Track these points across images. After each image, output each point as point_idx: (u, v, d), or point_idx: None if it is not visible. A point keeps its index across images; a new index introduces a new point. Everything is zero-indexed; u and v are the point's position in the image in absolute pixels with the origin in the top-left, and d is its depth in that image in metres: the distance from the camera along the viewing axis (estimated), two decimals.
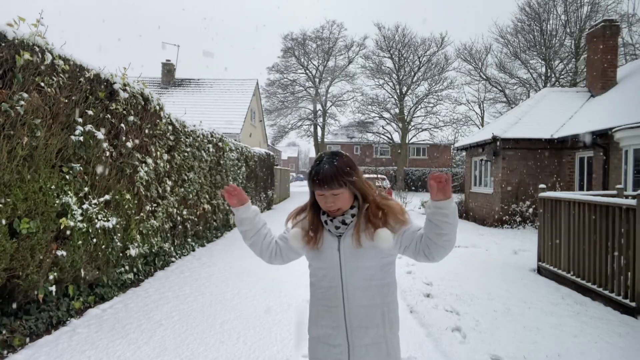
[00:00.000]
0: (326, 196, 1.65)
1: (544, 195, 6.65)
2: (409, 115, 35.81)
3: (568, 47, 28.03)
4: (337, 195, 1.64)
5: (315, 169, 1.65)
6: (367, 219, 1.67)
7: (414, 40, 34.83)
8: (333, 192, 1.63)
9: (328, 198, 1.65)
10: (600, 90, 13.26)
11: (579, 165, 12.09)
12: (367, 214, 1.67)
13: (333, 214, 1.68)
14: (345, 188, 1.64)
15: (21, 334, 3.65)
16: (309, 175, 1.68)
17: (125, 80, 5.32)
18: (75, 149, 4.30)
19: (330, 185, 1.62)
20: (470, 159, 16.08)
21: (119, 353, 3.58)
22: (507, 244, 9.66)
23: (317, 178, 1.63)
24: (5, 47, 3.43)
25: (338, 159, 1.66)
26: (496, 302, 5.17)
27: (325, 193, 1.64)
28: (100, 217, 4.73)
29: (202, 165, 8.83)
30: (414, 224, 1.69)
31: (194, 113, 16.82)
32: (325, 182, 1.61)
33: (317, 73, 37.40)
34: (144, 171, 5.86)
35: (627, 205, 4.67)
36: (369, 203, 1.69)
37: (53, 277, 4.00)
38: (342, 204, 1.66)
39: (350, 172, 1.65)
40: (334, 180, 1.61)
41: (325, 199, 1.66)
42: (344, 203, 1.66)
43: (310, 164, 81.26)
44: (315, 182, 1.64)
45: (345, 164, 1.65)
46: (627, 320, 4.52)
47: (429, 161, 40.22)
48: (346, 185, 1.64)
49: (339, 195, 1.64)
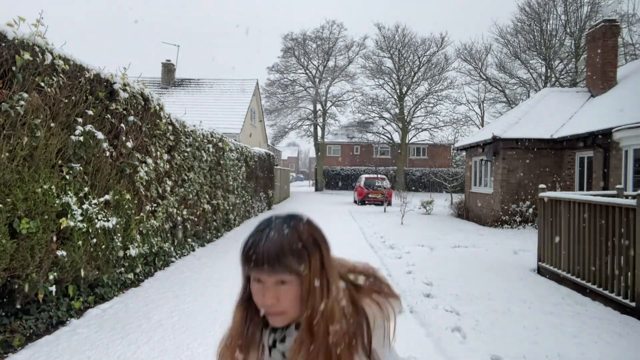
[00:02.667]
0: (265, 285, 1.01)
1: (543, 195, 6.65)
2: (409, 115, 35.81)
3: (568, 47, 28.04)
4: (283, 287, 1.00)
5: (253, 237, 1.03)
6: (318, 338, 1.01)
7: (414, 40, 34.85)
8: (278, 278, 1.00)
9: (268, 289, 1.01)
10: (600, 90, 13.26)
11: (579, 165, 12.09)
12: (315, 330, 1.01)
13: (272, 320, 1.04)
14: (295, 276, 1.00)
15: (21, 334, 3.65)
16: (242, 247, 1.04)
17: (125, 80, 5.32)
18: (75, 149, 4.30)
19: (274, 265, 0.98)
20: (470, 159, 16.08)
21: (119, 353, 3.58)
22: (507, 244, 9.66)
23: (254, 250, 1.00)
24: (5, 47, 3.43)
25: (295, 223, 1.03)
26: (496, 302, 5.17)
27: (265, 278, 1.00)
28: (100, 217, 4.73)
29: (202, 165, 8.83)
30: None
31: (194, 113, 16.81)
32: (266, 258, 0.98)
33: (317, 73, 37.40)
34: (144, 171, 5.86)
35: (627, 205, 4.67)
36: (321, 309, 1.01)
37: (53, 277, 4.00)
38: (287, 306, 1.01)
39: (311, 250, 1.02)
40: (280, 258, 0.98)
41: (263, 289, 1.01)
42: (289, 304, 1.01)
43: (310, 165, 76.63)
44: (249, 261, 1.01)
45: (305, 234, 1.03)
46: (627, 320, 4.52)
47: (429, 161, 40.22)
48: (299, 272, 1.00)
49: (285, 289, 1.00)
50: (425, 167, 37.79)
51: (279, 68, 36.96)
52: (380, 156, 41.45)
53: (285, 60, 37.12)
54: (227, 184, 10.88)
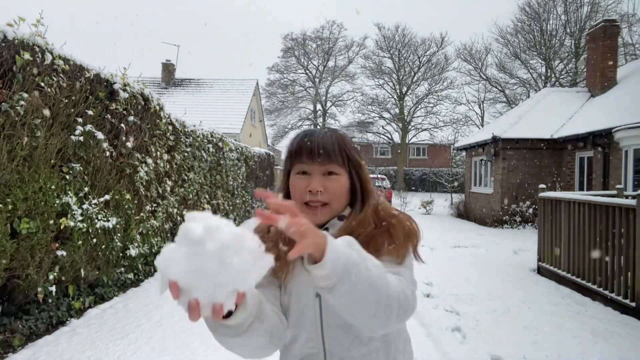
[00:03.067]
0: (314, 175, 1.03)
1: (543, 195, 6.65)
2: (409, 115, 35.81)
3: (568, 47, 28.05)
4: (331, 177, 1.04)
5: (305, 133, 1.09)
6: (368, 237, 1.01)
7: (414, 40, 34.85)
8: (328, 169, 1.04)
9: (315, 178, 1.03)
10: (600, 90, 13.26)
11: (579, 165, 12.09)
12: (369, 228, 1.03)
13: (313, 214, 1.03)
14: (345, 170, 1.06)
15: (21, 334, 3.65)
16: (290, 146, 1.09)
17: (125, 80, 5.32)
18: (75, 149, 4.30)
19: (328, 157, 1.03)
20: (470, 159, 16.08)
21: (119, 353, 3.58)
22: (507, 244, 9.66)
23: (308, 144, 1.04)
24: (5, 47, 3.43)
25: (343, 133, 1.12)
26: (496, 302, 5.17)
27: (315, 168, 1.03)
28: (100, 217, 4.73)
29: (202, 165, 8.83)
30: (407, 271, 1.01)
31: (194, 113, 16.78)
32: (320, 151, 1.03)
33: (317, 73, 37.41)
34: (144, 171, 5.86)
35: (627, 205, 4.67)
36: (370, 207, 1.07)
37: (53, 277, 4.00)
38: (333, 196, 1.04)
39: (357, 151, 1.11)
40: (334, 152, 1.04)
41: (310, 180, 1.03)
42: (335, 195, 1.04)
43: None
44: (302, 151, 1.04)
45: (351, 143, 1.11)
46: (627, 320, 4.52)
47: (429, 161, 40.23)
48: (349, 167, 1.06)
49: (334, 179, 1.04)
50: (425, 167, 37.79)
51: (279, 68, 36.98)
52: (380, 156, 41.45)
53: (285, 60, 37.14)
54: (227, 184, 10.89)
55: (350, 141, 1.12)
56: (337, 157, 1.04)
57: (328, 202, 1.04)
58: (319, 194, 1.02)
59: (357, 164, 1.09)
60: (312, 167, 1.04)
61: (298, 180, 1.05)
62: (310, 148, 1.04)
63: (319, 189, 1.02)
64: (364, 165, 1.11)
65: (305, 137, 1.07)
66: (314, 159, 1.03)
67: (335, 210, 1.06)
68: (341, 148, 1.06)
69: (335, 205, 1.05)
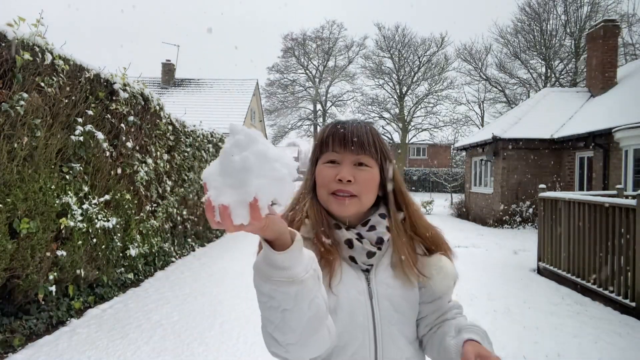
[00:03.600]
0: (344, 164, 0.99)
1: (543, 195, 6.65)
2: (409, 115, 35.81)
3: (568, 47, 28.03)
4: (362, 168, 1.00)
5: (339, 123, 1.05)
6: (409, 237, 1.05)
7: (414, 40, 34.83)
8: (360, 160, 1.00)
9: (345, 167, 0.98)
10: (600, 90, 13.26)
11: (579, 165, 12.08)
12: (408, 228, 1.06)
13: (340, 205, 0.98)
14: (377, 163, 1.02)
15: (21, 334, 3.65)
16: (322, 134, 1.05)
17: (125, 80, 5.32)
18: (75, 149, 4.30)
19: (361, 146, 0.99)
20: (470, 159, 16.08)
21: (119, 353, 3.58)
22: (507, 244, 9.66)
23: (341, 131, 1.01)
24: (5, 47, 3.43)
25: (372, 124, 1.10)
26: (496, 302, 5.17)
27: (346, 157, 0.99)
28: (100, 217, 4.73)
29: (202, 165, 8.83)
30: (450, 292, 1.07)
31: (194, 113, 16.79)
32: (354, 139, 0.99)
33: (317, 73, 37.40)
34: (144, 171, 5.86)
35: (627, 205, 4.67)
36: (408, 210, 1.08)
37: (53, 277, 4.00)
38: (364, 188, 0.99)
39: (388, 149, 1.07)
40: (368, 142, 1.01)
41: (340, 169, 0.98)
42: (367, 187, 0.99)
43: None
44: (334, 138, 1.01)
45: (381, 135, 1.09)
46: (627, 320, 4.52)
47: (429, 161, 40.22)
48: (380, 161, 1.03)
49: (365, 170, 1.00)
50: (425, 167, 37.78)
51: (279, 68, 36.98)
52: None
53: (285, 60, 37.14)
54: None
55: (380, 135, 1.08)
56: (371, 147, 1.00)
57: (357, 195, 0.98)
58: (349, 184, 0.97)
59: (389, 158, 1.05)
60: (343, 155, 0.99)
61: (327, 169, 1.00)
62: (344, 134, 1.00)
63: (349, 178, 0.96)
64: (394, 162, 1.08)
65: (338, 124, 1.03)
66: (346, 147, 0.99)
67: (365, 204, 1.01)
68: (375, 139, 1.03)
69: (364, 198, 0.99)
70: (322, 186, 1.00)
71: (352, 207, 0.98)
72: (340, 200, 0.98)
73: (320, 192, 1.00)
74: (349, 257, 0.99)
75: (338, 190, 0.97)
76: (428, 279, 1.01)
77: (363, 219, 1.03)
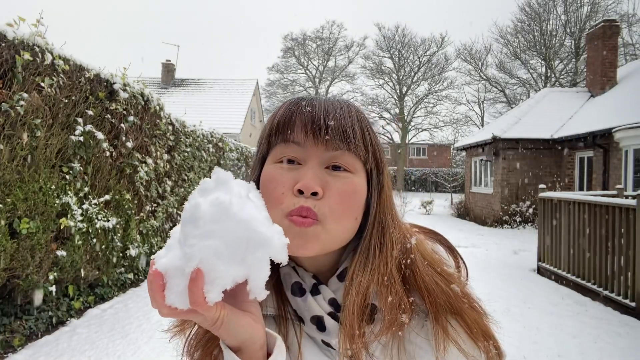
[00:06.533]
0: (305, 167, 0.59)
1: (543, 195, 6.65)
2: (409, 115, 35.81)
3: (568, 47, 28.04)
4: (338, 174, 0.59)
5: (303, 100, 0.63)
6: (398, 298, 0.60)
7: (414, 40, 34.84)
8: (335, 159, 0.60)
9: (310, 171, 0.58)
10: (600, 90, 13.26)
11: (579, 165, 12.09)
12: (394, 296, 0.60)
13: (299, 225, 0.56)
14: (363, 166, 0.62)
15: (21, 334, 3.65)
16: (273, 117, 0.65)
17: (125, 80, 5.32)
18: (75, 149, 4.30)
19: (341, 136, 0.59)
20: (470, 159, 16.09)
21: (119, 353, 3.58)
22: (507, 244, 9.66)
23: (308, 109, 0.60)
24: (5, 47, 3.43)
25: (356, 105, 0.67)
26: (496, 302, 5.17)
27: (312, 155, 0.59)
28: (100, 217, 4.73)
29: (202, 165, 8.83)
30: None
31: (194, 113, 16.78)
32: (330, 123, 0.59)
33: (317, 73, 37.41)
34: (144, 171, 5.86)
35: (627, 205, 4.67)
36: (396, 250, 0.62)
37: (53, 277, 4.00)
38: (336, 209, 0.58)
39: (379, 143, 0.68)
40: (353, 131, 0.60)
41: (298, 172, 0.58)
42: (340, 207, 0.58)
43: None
44: (297, 121, 0.60)
45: (368, 122, 0.66)
46: (627, 320, 4.52)
47: (429, 161, 40.23)
48: (371, 163, 0.63)
49: (342, 177, 0.59)
50: (426, 167, 37.79)
51: (279, 68, 36.99)
52: None
53: (285, 60, 37.15)
54: None
55: (366, 119, 0.66)
56: (357, 138, 0.60)
57: (320, 220, 0.56)
58: (314, 199, 0.56)
59: (383, 161, 0.65)
60: (308, 149, 0.59)
61: (279, 173, 0.59)
62: (311, 116, 0.59)
63: (315, 188, 0.56)
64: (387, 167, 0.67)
65: (303, 100, 0.62)
66: (314, 136, 0.58)
67: (334, 237, 0.58)
68: (364, 128, 0.62)
69: (333, 227, 0.57)
70: (271, 202, 0.56)
71: (315, 242, 0.57)
72: (298, 227, 0.56)
73: (270, 213, 0.50)
74: (321, 340, 0.61)
75: (300, 209, 0.56)
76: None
77: (335, 265, 0.64)
